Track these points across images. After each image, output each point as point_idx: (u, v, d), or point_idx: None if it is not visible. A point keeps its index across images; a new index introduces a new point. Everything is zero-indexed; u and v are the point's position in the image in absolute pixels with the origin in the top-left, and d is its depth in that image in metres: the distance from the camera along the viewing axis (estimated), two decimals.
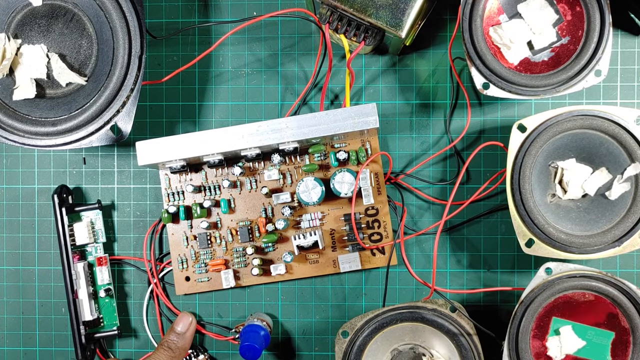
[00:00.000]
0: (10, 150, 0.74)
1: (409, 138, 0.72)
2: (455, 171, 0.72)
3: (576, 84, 0.64)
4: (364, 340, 0.66)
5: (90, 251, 0.72)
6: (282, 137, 0.65)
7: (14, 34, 0.66)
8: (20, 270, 0.74)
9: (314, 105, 0.72)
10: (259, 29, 0.73)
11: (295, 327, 0.73)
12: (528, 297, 0.63)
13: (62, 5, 0.66)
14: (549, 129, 0.64)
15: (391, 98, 0.72)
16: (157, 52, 0.73)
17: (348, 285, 0.72)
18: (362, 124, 0.65)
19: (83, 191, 0.74)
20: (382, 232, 0.70)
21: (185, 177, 0.71)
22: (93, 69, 0.66)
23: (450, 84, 0.72)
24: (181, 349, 0.68)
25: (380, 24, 0.64)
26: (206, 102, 0.73)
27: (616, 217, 0.64)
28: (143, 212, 0.73)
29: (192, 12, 0.73)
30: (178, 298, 0.73)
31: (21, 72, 0.66)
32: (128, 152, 0.73)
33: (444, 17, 0.72)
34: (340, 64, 0.72)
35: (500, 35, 0.65)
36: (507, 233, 0.71)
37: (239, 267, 0.71)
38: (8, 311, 0.74)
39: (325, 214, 0.70)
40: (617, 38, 0.71)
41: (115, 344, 0.74)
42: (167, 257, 0.73)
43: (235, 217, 0.71)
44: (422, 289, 0.72)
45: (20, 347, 0.74)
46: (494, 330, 0.68)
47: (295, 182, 0.70)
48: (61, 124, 0.66)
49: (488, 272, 0.71)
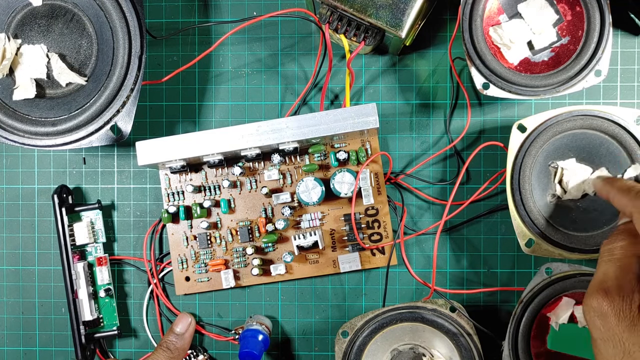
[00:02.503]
0: (10, 150, 0.74)
1: (409, 138, 0.72)
2: (455, 171, 0.72)
3: (576, 84, 0.64)
4: (364, 340, 0.66)
5: (90, 251, 0.72)
6: (282, 137, 0.65)
7: (14, 34, 0.66)
8: (20, 270, 0.74)
9: (314, 105, 0.72)
10: (259, 29, 0.73)
11: (295, 327, 0.73)
12: (528, 297, 0.63)
13: (62, 5, 0.66)
14: (549, 129, 0.64)
15: (391, 98, 0.72)
16: (157, 52, 0.73)
17: (348, 285, 0.72)
18: (362, 124, 0.65)
19: (83, 191, 0.74)
20: (382, 232, 0.70)
21: (185, 177, 0.71)
22: (93, 69, 0.66)
23: (450, 84, 0.72)
24: (180, 350, 0.68)
25: (380, 24, 0.64)
26: (206, 102, 0.73)
27: (616, 217, 0.64)
28: (143, 212, 0.73)
29: (192, 12, 0.73)
30: (178, 298, 0.73)
31: (21, 72, 0.66)
32: (128, 152, 0.73)
33: (444, 17, 0.72)
34: (340, 64, 0.72)
35: (500, 35, 0.65)
36: (507, 233, 0.71)
37: (238, 267, 0.71)
38: (8, 311, 0.74)
39: (325, 214, 0.70)
40: (617, 38, 0.71)
41: (115, 344, 0.74)
42: (167, 257, 0.73)
43: (235, 217, 0.71)
44: (422, 289, 0.72)
45: (20, 347, 0.74)
46: (494, 330, 0.68)
47: (295, 182, 0.70)
48: (61, 124, 0.66)
49: (488, 272, 0.71)
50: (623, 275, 0.51)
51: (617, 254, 0.53)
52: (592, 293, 0.52)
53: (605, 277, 0.52)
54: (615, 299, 0.50)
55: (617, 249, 0.53)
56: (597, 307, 0.51)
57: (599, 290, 0.51)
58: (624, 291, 0.50)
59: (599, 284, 0.52)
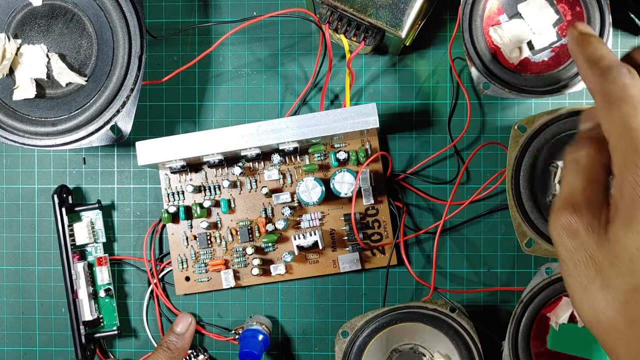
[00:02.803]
0: (10, 150, 0.74)
1: (409, 138, 0.72)
2: (455, 171, 0.72)
3: (576, 84, 0.64)
4: (364, 340, 0.66)
5: (90, 251, 0.72)
6: (282, 137, 0.65)
7: (14, 34, 0.66)
8: (20, 270, 0.74)
9: (314, 105, 0.72)
10: (259, 29, 0.73)
11: (295, 327, 0.73)
12: (528, 297, 0.63)
13: (62, 5, 0.66)
14: (549, 129, 0.64)
15: (391, 98, 0.72)
16: (157, 52, 0.73)
17: (348, 285, 0.72)
18: (362, 124, 0.65)
19: (83, 191, 0.74)
20: (382, 232, 0.70)
21: (185, 177, 0.71)
22: (93, 69, 0.66)
23: (450, 84, 0.72)
24: (180, 350, 0.67)
25: (380, 24, 0.64)
26: (206, 102, 0.73)
27: None
28: (143, 212, 0.73)
29: (192, 12, 0.73)
30: (178, 298, 0.73)
31: (21, 72, 0.66)
32: (128, 152, 0.73)
33: (444, 17, 0.72)
34: (340, 64, 0.72)
35: (500, 35, 0.65)
36: (507, 233, 0.71)
37: (239, 267, 0.71)
38: (8, 311, 0.74)
39: (325, 214, 0.70)
40: (617, 38, 0.71)
41: (115, 344, 0.74)
42: (167, 257, 0.73)
43: (235, 217, 0.71)
44: (422, 289, 0.72)
45: (20, 347, 0.74)
46: (494, 330, 0.68)
47: (295, 182, 0.70)
48: (61, 124, 0.66)
49: (488, 272, 0.71)
50: (591, 187, 0.46)
51: (584, 164, 0.47)
52: (559, 209, 0.46)
53: (572, 190, 0.46)
54: (584, 213, 0.45)
55: (583, 158, 0.47)
56: (566, 224, 0.45)
57: (567, 206, 0.46)
58: (593, 205, 0.45)
59: (566, 199, 0.46)
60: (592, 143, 0.47)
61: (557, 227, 0.46)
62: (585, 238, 0.44)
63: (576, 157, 0.47)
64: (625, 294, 0.42)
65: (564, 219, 0.45)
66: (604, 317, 0.43)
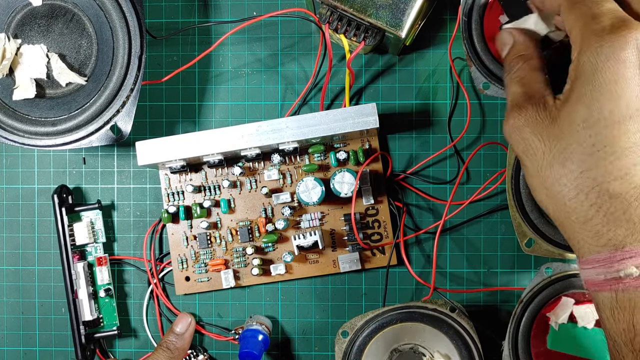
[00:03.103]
0: (10, 150, 0.74)
1: (409, 138, 0.72)
2: (455, 171, 0.72)
3: None
4: (364, 340, 0.66)
5: (90, 251, 0.72)
6: (282, 137, 0.65)
7: (14, 34, 0.66)
8: (20, 270, 0.74)
9: (314, 105, 0.72)
10: (259, 29, 0.73)
11: (295, 327, 0.73)
12: (528, 297, 0.63)
13: (62, 5, 0.66)
14: None
15: (391, 98, 0.72)
16: (157, 52, 0.73)
17: (348, 285, 0.72)
18: (362, 124, 0.65)
19: (83, 191, 0.74)
20: (382, 232, 0.70)
21: (185, 177, 0.71)
22: (93, 69, 0.66)
23: (450, 84, 0.72)
24: (180, 350, 0.68)
25: (380, 24, 0.64)
26: (206, 102, 0.73)
27: None
28: (143, 212, 0.73)
29: (192, 12, 0.73)
30: (178, 298, 0.73)
31: (21, 72, 0.66)
32: (128, 152, 0.73)
33: (444, 17, 0.72)
34: (340, 64, 0.72)
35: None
36: (507, 233, 0.71)
37: (238, 267, 0.71)
38: (8, 311, 0.74)
39: (325, 214, 0.70)
40: None
41: (115, 344, 0.74)
42: (167, 257, 0.73)
43: (235, 217, 0.71)
44: (422, 289, 0.72)
45: (20, 347, 0.74)
46: (494, 330, 0.68)
47: (295, 182, 0.70)
48: (61, 124, 0.66)
49: (488, 272, 0.71)
50: (530, 85, 0.52)
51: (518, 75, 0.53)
52: (507, 115, 0.52)
53: (514, 96, 0.52)
54: (529, 108, 0.50)
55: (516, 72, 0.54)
56: (515, 122, 0.51)
57: (513, 109, 0.51)
58: (535, 99, 0.51)
59: (511, 104, 0.52)
60: (519, 59, 0.54)
61: (508, 129, 0.52)
62: (534, 128, 0.50)
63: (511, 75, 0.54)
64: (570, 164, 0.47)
65: (512, 120, 0.51)
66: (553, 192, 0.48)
